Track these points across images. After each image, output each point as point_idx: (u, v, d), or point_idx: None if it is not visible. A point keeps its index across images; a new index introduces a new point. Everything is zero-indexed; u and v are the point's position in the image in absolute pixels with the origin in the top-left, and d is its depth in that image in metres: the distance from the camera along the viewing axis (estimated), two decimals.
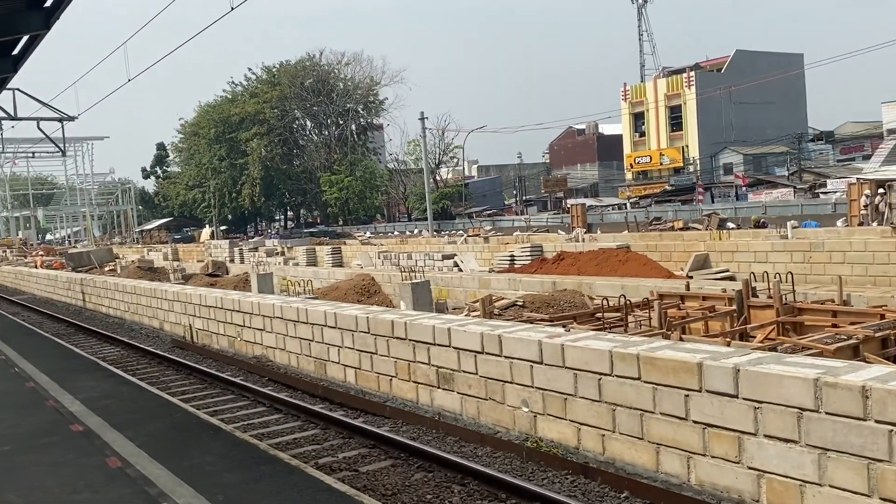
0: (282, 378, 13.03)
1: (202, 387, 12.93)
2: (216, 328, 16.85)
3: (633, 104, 78.23)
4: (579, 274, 19.86)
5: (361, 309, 12.33)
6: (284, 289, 25.75)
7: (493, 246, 31.22)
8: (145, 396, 9.17)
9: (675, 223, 38.31)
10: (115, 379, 10.71)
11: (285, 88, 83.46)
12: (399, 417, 9.97)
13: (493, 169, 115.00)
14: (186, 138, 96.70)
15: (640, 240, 26.10)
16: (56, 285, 33.08)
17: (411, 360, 10.54)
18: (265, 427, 10.01)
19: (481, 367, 9.25)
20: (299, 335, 13.50)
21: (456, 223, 70.11)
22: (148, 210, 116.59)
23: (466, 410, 9.57)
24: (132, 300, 22.38)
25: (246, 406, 11.30)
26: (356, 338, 11.78)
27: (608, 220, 50.79)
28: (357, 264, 35.25)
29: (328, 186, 78.99)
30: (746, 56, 78.09)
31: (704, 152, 73.08)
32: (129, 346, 17.80)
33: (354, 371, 11.94)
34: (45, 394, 9.39)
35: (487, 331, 9.17)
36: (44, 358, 12.92)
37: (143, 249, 62.29)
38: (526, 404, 8.59)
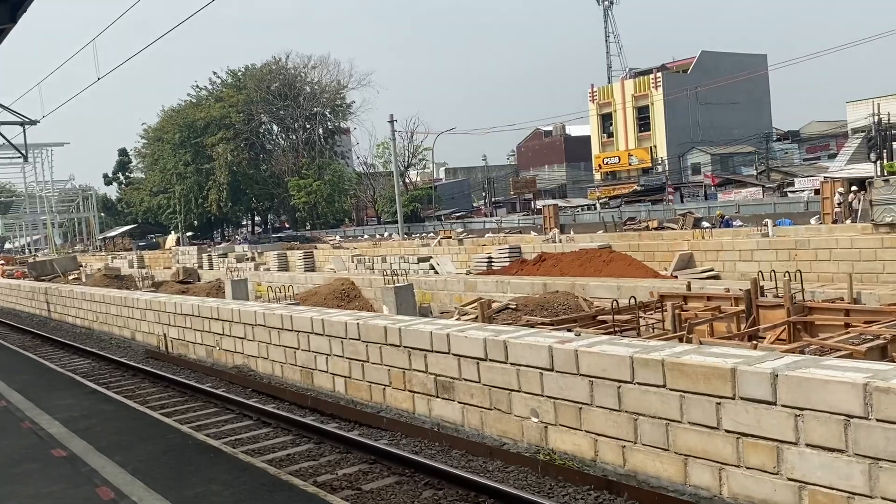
0: (266, 388, 12.44)
1: (182, 400, 12.29)
2: (193, 337, 16.17)
3: (600, 105, 78.47)
4: (562, 275, 19.50)
5: (350, 315, 11.80)
6: (259, 295, 25.06)
7: (470, 248, 30.79)
8: (131, 415, 8.49)
9: (649, 223, 38.25)
10: (96, 396, 10.03)
11: (251, 92, 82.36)
12: (396, 429, 9.45)
13: (461, 171, 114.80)
14: (150, 143, 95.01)
15: (621, 240, 25.85)
16: (19, 295, 31.96)
17: (406, 368, 10.03)
18: (254, 442, 9.43)
19: (485, 375, 8.77)
20: (284, 343, 12.92)
21: (426, 226, 69.63)
22: (110, 217, 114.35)
23: (469, 421, 9.08)
24: (101, 309, 21.54)
25: (231, 420, 10.70)
26: (346, 345, 11.24)
27: (581, 221, 50.70)
28: (330, 268, 34.58)
29: (296, 191, 78.07)
30: (711, 57, 78.79)
31: (672, 152, 73.53)
32: (100, 358, 17.04)
33: (344, 380, 11.39)
34: (19, 414, 8.65)
35: (491, 336, 8.70)
36: (14, 373, 12.16)
37: (107, 257, 60.80)
38: (535, 414, 8.14)
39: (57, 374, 12.09)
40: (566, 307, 12.98)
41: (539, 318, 11.55)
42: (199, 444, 7.12)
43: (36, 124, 28.65)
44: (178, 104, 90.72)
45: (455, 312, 13.56)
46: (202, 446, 7.06)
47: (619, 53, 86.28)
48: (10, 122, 28.08)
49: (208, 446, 7.07)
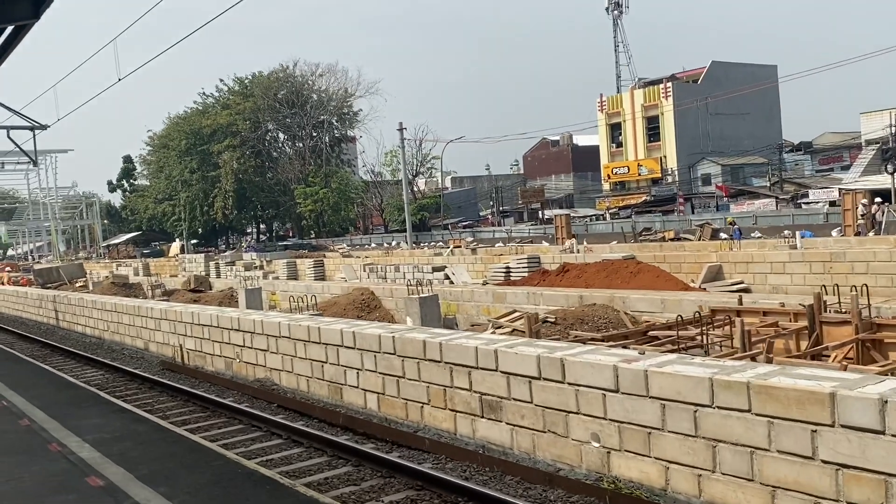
0: (292, 404, 11.88)
1: (205, 415, 11.73)
2: (211, 349, 15.62)
3: (609, 115, 78.00)
4: (588, 286, 18.93)
5: (383, 327, 11.24)
6: (274, 304, 24.53)
7: (486, 258, 30.22)
8: (167, 437, 7.89)
9: (665, 234, 37.68)
10: (125, 415, 9.46)
11: (258, 100, 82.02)
12: (439, 451, 8.88)
13: (467, 180, 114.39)
14: (155, 151, 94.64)
15: (642, 250, 25.29)
16: (26, 303, 31.43)
17: (448, 385, 9.47)
18: (287, 464, 8.86)
19: (537, 395, 8.21)
20: (310, 356, 12.36)
21: (434, 235, 69.09)
22: (114, 224, 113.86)
23: (518, 443, 8.52)
24: (112, 318, 21.00)
25: (260, 439, 10.13)
26: (379, 359, 10.68)
27: (593, 231, 50.11)
28: (341, 277, 34.05)
29: (303, 199, 77.60)
30: (722, 67, 78.36)
31: (682, 163, 72.99)
32: (114, 369, 16.49)
33: (377, 396, 10.83)
34: (45, 435, 8.09)
35: (545, 353, 8.14)
36: (33, 388, 11.63)
37: (112, 264, 60.29)
38: (597, 438, 7.57)
39: (79, 389, 11.48)
40: (607, 321, 12.42)
41: (587, 333, 10.98)
42: (250, 474, 6.52)
43: (46, 129, 28.16)
44: (185, 111, 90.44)
45: (489, 325, 13.01)
46: (256, 477, 6.42)
47: (629, 63, 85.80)
48: (21, 127, 27.61)
49: (265, 479, 6.42)
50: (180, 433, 8.13)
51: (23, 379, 12.51)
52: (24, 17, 10.27)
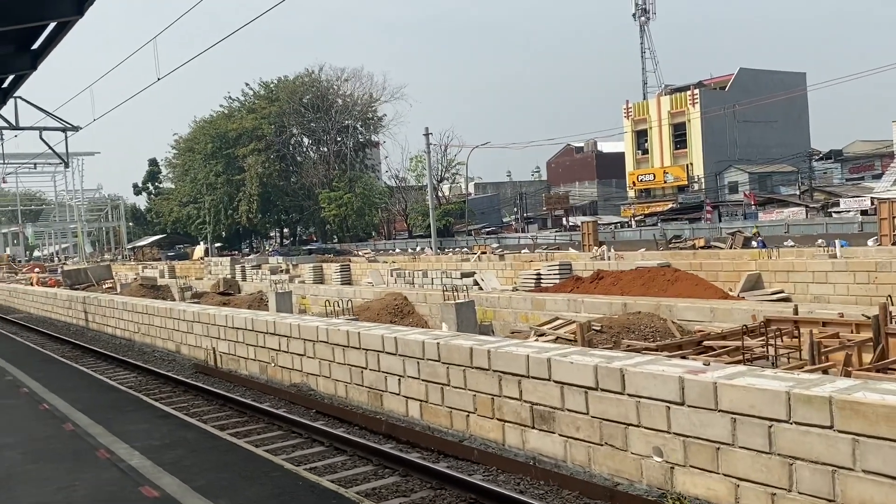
0: (331, 410, 11.65)
1: (241, 420, 11.53)
2: (244, 352, 15.44)
3: (635, 122, 77.51)
4: (623, 294, 18.60)
5: (425, 333, 11.00)
6: (304, 308, 24.38)
7: (516, 264, 29.92)
8: (220, 445, 7.72)
9: (695, 241, 37.17)
10: (172, 421, 9.27)
11: (284, 104, 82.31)
12: (489, 462, 8.61)
13: (490, 186, 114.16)
14: (181, 154, 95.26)
15: (675, 258, 24.87)
16: (55, 304, 31.52)
17: (496, 394, 9.20)
18: (331, 472, 8.61)
19: (594, 406, 7.92)
20: (349, 362, 12.13)
21: (459, 241, 68.86)
22: (139, 227, 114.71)
23: (572, 456, 8.22)
24: (143, 320, 20.92)
25: (301, 445, 9.90)
26: (423, 366, 10.42)
27: (620, 238, 49.61)
28: (368, 282, 33.89)
29: (327, 203, 77.68)
30: (750, 74, 77.71)
31: (709, 170, 72.34)
32: (146, 371, 16.36)
33: (419, 404, 10.57)
34: (91, 441, 7.95)
35: (602, 363, 7.85)
36: (73, 390, 11.48)
37: (138, 266, 60.59)
38: (659, 453, 7.26)
39: (119, 392, 11.27)
40: (654, 330, 12.08)
41: (639, 342, 10.66)
42: (312, 486, 6.24)
43: (78, 130, 28.28)
44: (211, 115, 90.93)
45: (531, 333, 12.72)
46: (319, 491, 6.13)
47: (655, 69, 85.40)
48: (53, 128, 27.70)
49: (328, 493, 6.15)
50: (232, 441, 7.88)
51: (61, 381, 12.35)
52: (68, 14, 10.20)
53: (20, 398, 10.74)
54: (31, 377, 12.62)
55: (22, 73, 12.31)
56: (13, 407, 10.18)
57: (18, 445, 8.07)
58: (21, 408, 10.05)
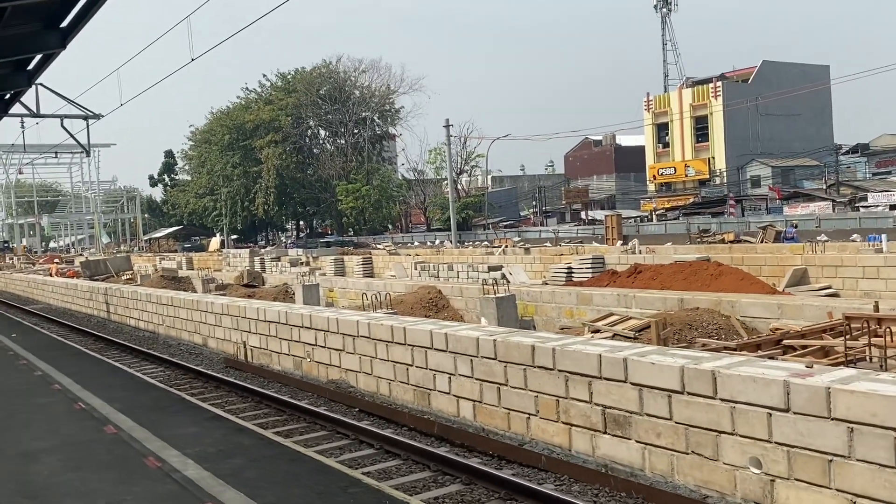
0: (375, 409, 11.04)
1: (281, 419, 10.95)
2: (277, 346, 14.87)
3: (656, 114, 76.46)
4: (664, 288, 17.92)
5: (477, 328, 10.36)
6: (330, 301, 23.81)
7: (545, 257, 29.24)
8: (281, 453, 7.12)
9: (725, 235, 36.36)
10: (223, 424, 8.61)
11: (301, 96, 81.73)
12: (556, 469, 7.98)
13: (507, 180, 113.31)
14: (197, 145, 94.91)
15: (712, 252, 24.12)
16: (76, 295, 31.09)
17: (562, 396, 8.56)
18: (386, 478, 8.00)
19: (679, 412, 7.27)
20: (393, 358, 11.52)
21: (479, 234, 68.17)
22: (154, 218, 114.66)
23: (652, 465, 7.57)
24: (168, 312, 20.39)
25: (349, 447, 9.30)
26: (476, 364, 9.80)
27: (645, 232, 48.79)
28: (390, 275, 33.33)
29: (344, 195, 77.12)
30: (773, 67, 76.49)
31: (731, 164, 71.27)
32: (173, 365, 15.82)
33: (473, 404, 9.94)
34: (137, 446, 7.33)
35: (689, 364, 7.19)
36: (108, 388, 10.90)
37: (155, 258, 60.26)
38: (757, 464, 6.60)
39: (158, 390, 10.62)
40: (717, 327, 11.41)
41: (717, 341, 10.00)
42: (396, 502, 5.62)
43: (100, 118, 27.79)
44: (227, 106, 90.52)
45: (584, 329, 12.08)
46: None
47: (677, 62, 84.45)
48: (75, 116, 27.22)
49: None
50: (294, 448, 7.22)
51: (93, 377, 11.77)
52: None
53: (53, 396, 10.17)
54: (62, 372, 12.04)
55: (50, 53, 11.84)
56: (47, 406, 9.65)
57: (57, 450, 7.52)
58: (55, 407, 9.51)
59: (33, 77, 13.97)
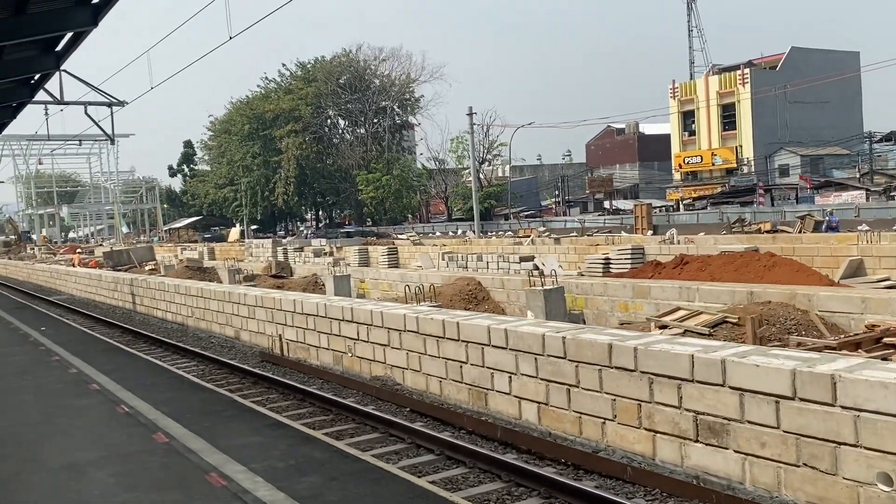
0: (426, 409, 10.36)
1: (328, 419, 10.28)
2: (315, 340, 14.21)
3: (682, 102, 75.06)
4: (713, 279, 17.11)
5: (539, 324, 9.62)
6: (362, 292, 23.15)
7: (580, 248, 28.43)
8: (361, 471, 6.32)
9: (761, 225, 35.38)
10: (287, 433, 7.82)
11: (321, 85, 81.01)
12: (645, 482, 7.25)
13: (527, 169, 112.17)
14: (216, 136, 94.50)
15: (758, 242, 23.22)
16: (99, 285, 30.63)
17: (644, 400, 7.82)
18: (455, 488, 7.30)
19: (788, 419, 6.51)
20: (445, 355, 10.82)
21: (501, 224, 67.33)
22: (173, 209, 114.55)
23: (754, 477, 6.82)
24: (198, 304, 19.79)
25: (406, 452, 8.63)
26: (542, 363, 9.07)
27: (675, 222, 47.81)
28: (416, 266, 32.62)
29: (364, 185, 76.44)
30: (802, 53, 74.89)
31: (759, 153, 69.91)
32: (206, 359, 15.20)
33: (537, 406, 9.22)
34: (195, 459, 6.61)
35: (802, 367, 6.42)
36: (150, 388, 10.25)
37: (176, 248, 59.93)
38: (888, 481, 5.84)
39: (208, 392, 9.83)
40: (795, 323, 10.61)
41: (814, 339, 9.22)
42: None
43: (124, 105, 27.24)
44: (247, 96, 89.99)
45: (650, 325, 11.33)
46: None
47: (703, 49, 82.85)
48: (98, 103, 26.69)
49: None
50: (373, 462, 6.47)
51: (132, 375, 11.10)
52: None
53: (92, 397, 9.51)
54: (98, 370, 11.39)
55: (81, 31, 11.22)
56: (87, 409, 9.03)
57: (106, 463, 6.85)
58: (96, 410, 8.88)
59: (62, 59, 13.37)
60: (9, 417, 8.76)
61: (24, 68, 13.74)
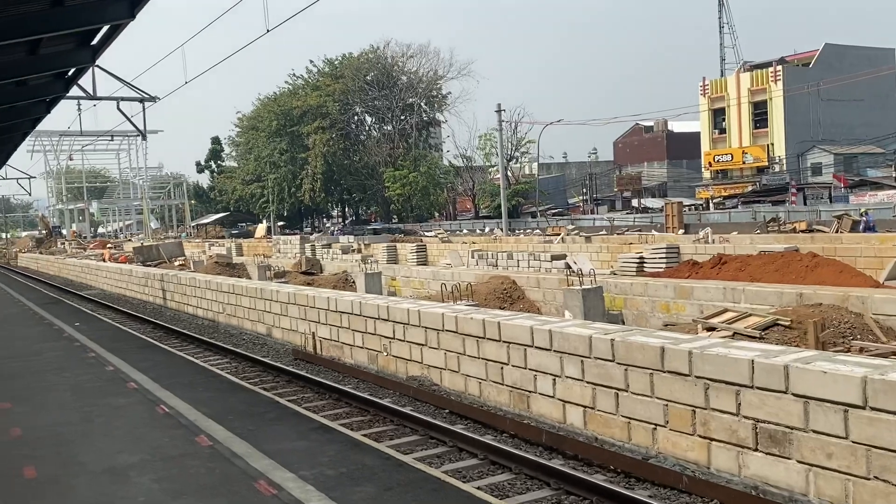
0: (465, 410, 10.11)
1: (365, 420, 10.07)
2: (349, 338, 14.02)
3: (712, 99, 74.11)
4: (753, 280, 16.69)
5: (584, 325, 9.34)
6: (393, 290, 22.96)
7: (613, 246, 28.03)
8: (417, 480, 6.03)
9: (796, 224, 34.73)
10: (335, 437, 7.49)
11: (348, 81, 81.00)
12: (704, 492, 6.94)
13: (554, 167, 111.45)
14: (244, 132, 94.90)
15: (797, 242, 22.71)
16: (130, 281, 30.74)
17: (699, 406, 7.52)
18: (502, 496, 7.05)
19: (858, 430, 6.18)
20: (484, 356, 10.57)
21: (529, 222, 66.90)
22: (201, 204, 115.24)
23: (819, 489, 6.51)
24: (230, 300, 19.71)
25: (449, 456, 8.40)
26: (588, 366, 8.79)
27: (707, 221, 47.14)
28: (445, 263, 32.37)
29: (391, 182, 76.36)
30: (835, 50, 73.70)
31: (790, 151, 68.87)
32: (240, 356, 15.07)
33: (583, 411, 8.95)
34: (241, 464, 6.35)
35: (873, 374, 6.10)
36: (189, 387, 10.04)
37: (204, 244, 60.19)
38: None
39: (249, 392, 9.73)
40: (850, 326, 10.24)
41: (875, 345, 8.87)
42: None
43: (156, 101, 27.27)
44: (274, 93, 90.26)
45: (697, 327, 11.00)
46: None
47: (734, 45, 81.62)
48: (131, 98, 26.72)
49: None
50: (426, 472, 6.19)
51: (168, 373, 10.92)
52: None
53: (130, 396, 9.35)
54: (135, 367, 11.26)
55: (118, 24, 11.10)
56: (126, 408, 8.86)
57: (149, 468, 6.63)
58: (135, 409, 8.75)
59: (97, 53, 13.28)
60: (48, 417, 8.63)
61: (59, 62, 13.69)
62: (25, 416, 8.73)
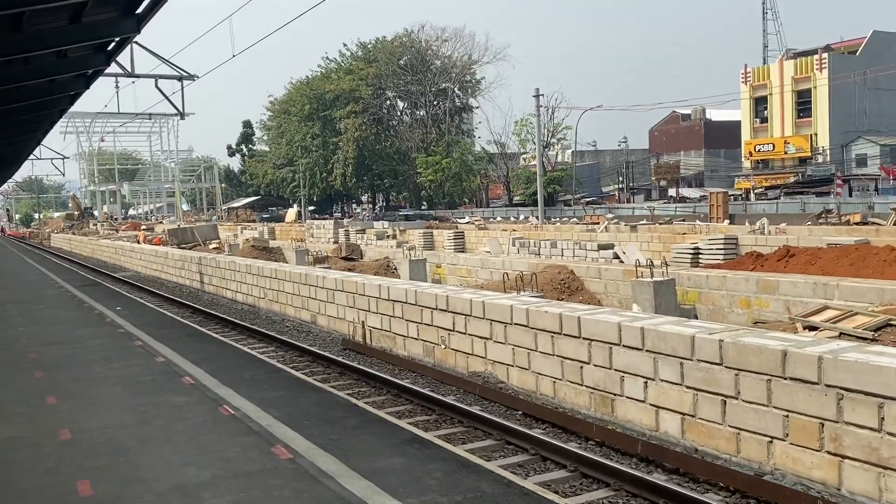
0: (540, 412, 9.25)
1: (430, 419, 9.25)
2: (403, 329, 13.21)
3: (754, 87, 72.24)
4: (824, 273, 15.64)
5: (683, 322, 8.42)
6: (438, 278, 22.14)
7: (665, 236, 26.97)
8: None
9: (851, 217, 33.39)
10: (434, 452, 6.48)
11: (381, 66, 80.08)
12: None
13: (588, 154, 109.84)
14: (276, 116, 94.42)
15: (864, 234, 21.55)
16: (166, 263, 30.22)
17: (830, 419, 6.59)
18: None
19: None
20: (560, 353, 9.69)
21: (564, 210, 65.74)
22: (231, 188, 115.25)
23: None
24: (272, 286, 19.00)
25: (534, 465, 7.56)
26: (689, 369, 7.88)
27: (753, 212, 45.77)
28: (485, 251, 31.50)
29: (423, 168, 75.48)
30: (883, 38, 71.39)
31: (835, 141, 66.92)
32: (284, 344, 14.33)
33: (680, 418, 8.04)
34: (334, 486, 5.39)
35: None
36: (252, 384, 9.16)
37: (236, 227, 59.83)
38: None
39: (323, 393, 8.77)
40: None
41: None
42: None
43: (195, 80, 26.61)
44: (307, 76, 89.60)
45: (795, 325, 10.06)
46: None
47: (778, 32, 79.50)
48: (169, 76, 26.06)
49: None
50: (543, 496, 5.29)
51: (225, 366, 9.97)
52: None
53: (189, 393, 8.49)
54: (187, 359, 10.44)
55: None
56: (186, 408, 8.00)
57: (223, 487, 5.69)
58: (196, 410, 7.90)
59: (142, 22, 12.54)
60: (99, 416, 7.80)
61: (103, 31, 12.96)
62: (73, 414, 7.94)
